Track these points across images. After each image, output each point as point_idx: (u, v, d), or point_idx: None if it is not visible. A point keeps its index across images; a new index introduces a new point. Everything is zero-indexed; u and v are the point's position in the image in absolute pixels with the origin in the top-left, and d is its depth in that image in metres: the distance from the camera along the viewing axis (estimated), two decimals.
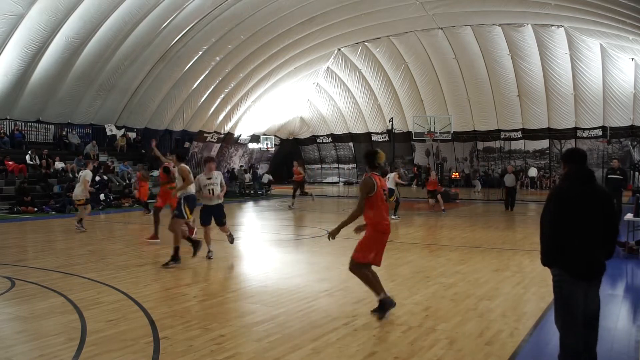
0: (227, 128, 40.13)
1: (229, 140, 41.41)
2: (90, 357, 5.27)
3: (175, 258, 9.88)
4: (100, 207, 22.77)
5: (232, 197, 32.17)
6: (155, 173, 24.68)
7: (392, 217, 17.02)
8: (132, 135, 32.61)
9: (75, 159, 26.60)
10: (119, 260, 10.49)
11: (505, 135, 40.86)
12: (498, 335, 5.96)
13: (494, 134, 41.03)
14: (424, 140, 38.73)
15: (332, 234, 6.68)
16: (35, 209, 21.30)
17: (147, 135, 33.72)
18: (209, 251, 10.64)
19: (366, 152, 6.72)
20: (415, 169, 43.66)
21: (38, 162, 25.24)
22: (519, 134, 40.33)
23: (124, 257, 10.95)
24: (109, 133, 31.20)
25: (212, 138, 39.45)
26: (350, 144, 46.96)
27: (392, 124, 32.71)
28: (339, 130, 46.65)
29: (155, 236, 13.14)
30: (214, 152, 40.16)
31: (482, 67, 37.68)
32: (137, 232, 15.50)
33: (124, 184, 26.72)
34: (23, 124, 27.56)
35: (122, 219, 18.55)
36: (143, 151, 32.07)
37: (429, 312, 6.85)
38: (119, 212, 21.95)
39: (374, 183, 6.40)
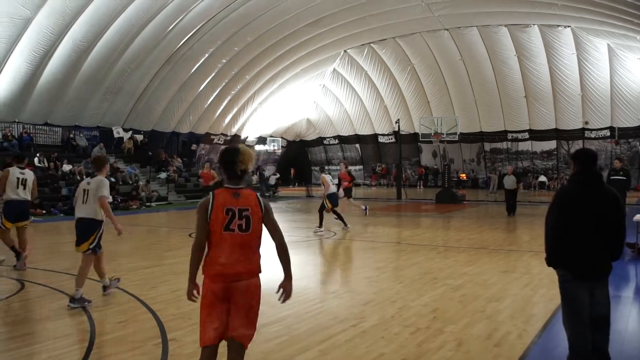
0: (233, 130, 40.22)
1: (235, 142, 41.50)
2: (98, 359, 5.29)
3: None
4: None
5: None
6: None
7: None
8: (139, 137, 32.71)
9: (83, 162, 26.69)
10: (127, 262, 10.52)
11: (512, 136, 40.79)
12: (506, 337, 5.94)
13: (501, 135, 40.95)
14: (430, 142, 38.68)
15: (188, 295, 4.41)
16: (44, 211, 21.38)
17: (154, 138, 33.84)
18: None
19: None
20: (422, 170, 43.66)
21: (46, 164, 25.36)
22: (526, 135, 40.24)
23: (131, 259, 10.98)
24: (116, 135, 31.31)
25: (218, 140, 39.55)
26: (357, 145, 47.01)
27: (399, 126, 32.67)
28: (345, 132, 46.70)
29: None
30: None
31: (488, 68, 37.63)
32: (144, 235, 15.55)
33: (132, 186, 26.79)
34: (31, 126, 27.71)
35: (129, 221, 18.59)
36: (150, 153, 32.15)
37: (437, 314, 6.83)
38: (126, 214, 22.01)
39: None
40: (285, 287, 4.50)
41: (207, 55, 31.43)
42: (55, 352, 5.46)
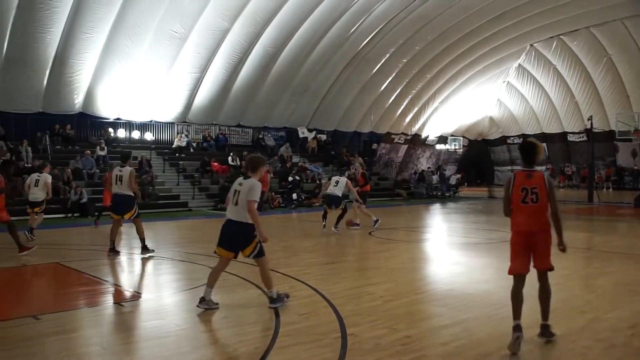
0: (414, 129, 40.10)
1: (416, 141, 41.34)
2: (283, 347, 5.56)
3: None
4: (293, 206, 24.05)
5: (420, 198, 32.07)
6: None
7: (333, 229, 15.03)
8: (323, 137, 33.90)
9: (270, 160, 28.33)
10: (309, 257, 10.94)
11: None
12: None
13: None
14: (629, 140, 35.27)
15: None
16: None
17: (337, 137, 34.87)
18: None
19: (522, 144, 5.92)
20: (610, 170, 39.74)
21: (238, 163, 27.32)
22: None
23: (314, 254, 11.41)
24: (301, 135, 32.76)
25: (399, 139, 39.69)
26: (544, 144, 44.31)
27: (592, 123, 30.20)
28: (530, 130, 44.15)
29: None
30: (401, 153, 40.38)
31: None
32: (324, 231, 16.06)
33: (315, 184, 27.87)
34: (226, 128, 30.10)
35: (312, 217, 19.33)
36: (332, 153, 33.20)
37: (636, 331, 6.19)
38: (309, 211, 22.96)
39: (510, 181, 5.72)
40: (560, 245, 5.77)
41: (388, 55, 31.69)
42: (245, 337, 5.86)
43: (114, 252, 11.00)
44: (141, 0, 21.88)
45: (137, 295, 7.91)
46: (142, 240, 11.09)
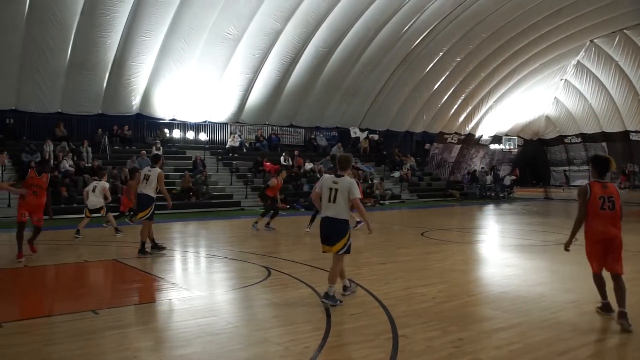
0: (467, 129, 39.49)
1: (469, 141, 40.70)
2: (334, 347, 5.56)
3: None
4: None
5: (473, 199, 31.59)
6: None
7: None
8: (375, 137, 33.79)
9: (322, 160, 28.44)
10: (362, 258, 10.91)
11: None
12: None
13: None
14: None
15: (566, 245, 6.73)
16: (287, 206, 23.25)
17: (389, 137, 34.68)
18: None
19: (593, 157, 6.86)
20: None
21: (290, 162, 27.52)
22: None
23: (365, 254, 11.37)
24: (352, 135, 32.74)
25: (452, 139, 39.16)
26: (603, 144, 42.74)
27: None
28: (589, 129, 42.83)
29: None
30: (454, 153, 39.84)
31: None
32: (377, 232, 15.99)
33: (367, 184, 27.80)
34: (279, 128, 30.35)
35: None
36: (384, 153, 33.04)
37: None
38: None
39: (587, 190, 6.50)
40: None
41: (441, 54, 31.33)
42: (297, 335, 5.88)
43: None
44: (196, 3, 22.33)
45: (190, 293, 8.05)
46: (142, 242, 10.97)
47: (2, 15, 19.87)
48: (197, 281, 9.22)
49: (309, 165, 27.71)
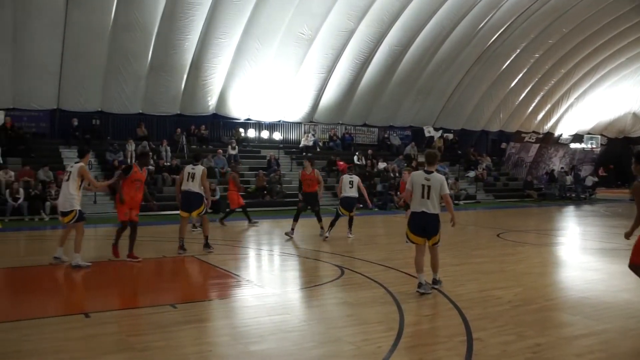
0: (546, 127, 38.16)
1: (548, 140, 39.32)
2: (406, 348, 5.53)
3: None
4: None
5: (551, 200, 30.59)
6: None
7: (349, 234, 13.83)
8: (449, 136, 33.27)
9: (396, 160, 28.26)
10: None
11: None
12: None
13: None
14: None
15: (626, 235, 6.67)
16: (361, 205, 23.16)
17: (464, 136, 34.06)
18: None
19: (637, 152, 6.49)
20: None
21: (364, 162, 27.49)
22: None
23: (440, 255, 11.21)
24: (427, 134, 32.36)
25: (530, 138, 37.96)
26: None
27: None
28: None
29: None
30: (531, 153, 38.62)
31: None
32: (452, 232, 15.72)
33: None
34: (352, 127, 30.38)
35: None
36: (459, 152, 32.48)
37: None
38: None
39: None
40: None
41: (518, 50, 30.48)
42: (369, 335, 5.88)
43: (182, 249, 11.08)
44: (271, 4, 22.70)
45: (264, 290, 8.19)
46: (206, 237, 11.25)
47: (91, 23, 20.89)
48: (271, 279, 9.37)
49: (382, 165, 27.59)
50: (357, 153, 27.75)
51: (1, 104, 21.64)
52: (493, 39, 29.17)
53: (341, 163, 26.46)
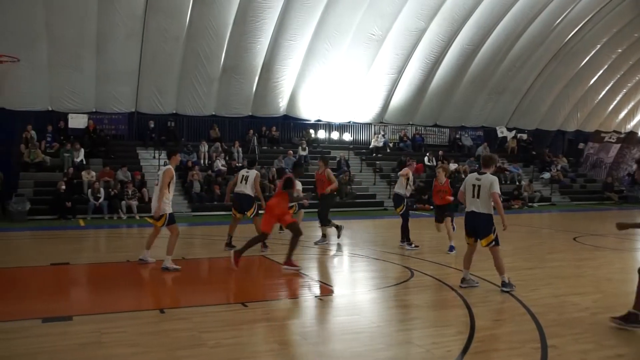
0: (629, 127, 36.45)
1: (631, 140, 37.48)
2: (477, 353, 5.41)
3: None
4: None
5: (634, 203, 29.21)
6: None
7: (405, 245, 11.98)
8: (523, 136, 32.36)
9: (467, 161, 27.74)
10: (508, 262, 10.48)
11: None
12: None
13: None
14: None
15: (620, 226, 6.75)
16: (431, 207, 22.86)
17: (538, 137, 33.06)
18: None
19: None
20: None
21: (434, 163, 27.10)
22: None
23: (512, 258, 10.93)
24: (499, 135, 31.60)
25: (610, 138, 36.33)
26: None
27: None
28: None
29: None
30: (611, 153, 36.97)
31: None
32: (525, 235, 15.30)
33: (514, 185, 26.73)
34: (422, 128, 30.04)
35: (511, 220, 18.54)
36: (533, 153, 31.54)
37: None
38: (507, 213, 21.96)
39: None
40: None
41: (599, 46, 29.29)
42: (439, 338, 5.80)
43: (230, 246, 11.45)
44: (341, 4, 22.76)
45: (334, 290, 8.22)
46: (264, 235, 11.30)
47: (168, 29, 21.59)
48: (340, 279, 9.40)
49: (453, 166, 27.13)
50: (427, 154, 27.41)
51: (85, 108, 22.71)
52: (571, 35, 28.16)
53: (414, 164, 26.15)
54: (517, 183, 27.00)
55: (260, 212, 11.48)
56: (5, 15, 19.15)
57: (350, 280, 9.27)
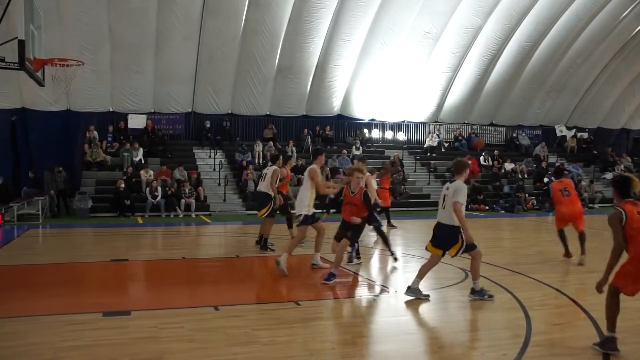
0: None
1: None
2: (534, 357, 5.29)
3: None
4: (547, 209, 22.67)
5: None
6: None
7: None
8: (584, 135, 31.38)
9: (524, 160, 27.11)
10: (568, 264, 10.23)
11: None
12: None
13: None
14: None
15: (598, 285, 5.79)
16: (487, 207, 22.53)
17: (600, 135, 32.01)
18: None
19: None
20: None
21: (490, 162, 26.62)
22: None
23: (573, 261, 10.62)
24: (558, 134, 30.77)
25: None
26: None
27: None
28: None
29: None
30: None
31: None
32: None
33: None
34: (478, 127, 29.51)
35: None
36: (595, 152, 30.55)
37: None
38: None
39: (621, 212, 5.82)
40: None
41: None
42: (494, 342, 5.70)
43: (266, 247, 11.40)
44: (395, 3, 22.61)
45: (386, 290, 8.18)
46: (265, 238, 11.37)
47: (223, 30, 21.94)
48: (393, 280, 9.35)
49: (509, 166, 26.57)
50: (483, 153, 26.93)
51: (144, 109, 23.33)
52: (637, 30, 27.13)
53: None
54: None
55: (274, 213, 11.32)
56: (75, 23, 19.86)
57: (403, 281, 9.20)
